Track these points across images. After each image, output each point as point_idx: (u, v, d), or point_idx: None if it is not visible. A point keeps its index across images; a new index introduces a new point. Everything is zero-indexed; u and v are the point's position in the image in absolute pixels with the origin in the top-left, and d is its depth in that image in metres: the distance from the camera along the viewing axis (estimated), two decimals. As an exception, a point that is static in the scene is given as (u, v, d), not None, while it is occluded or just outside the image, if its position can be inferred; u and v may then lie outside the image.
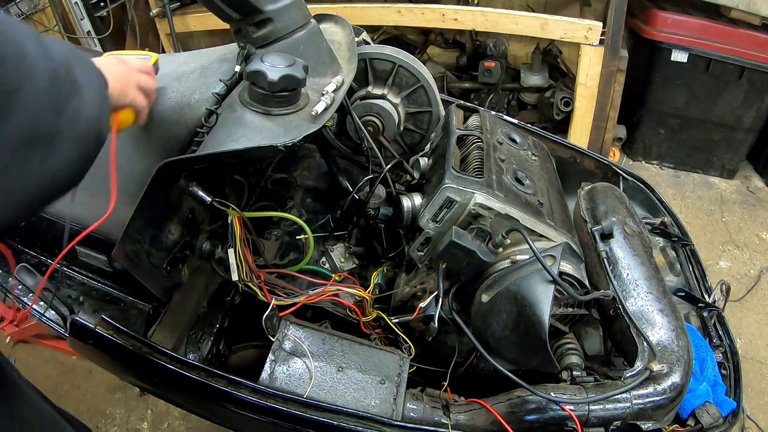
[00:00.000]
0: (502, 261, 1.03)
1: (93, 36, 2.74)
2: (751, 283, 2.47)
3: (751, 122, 2.87)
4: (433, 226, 1.07)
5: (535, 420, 0.96)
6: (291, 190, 1.45)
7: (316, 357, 1.02)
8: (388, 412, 0.97)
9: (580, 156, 1.58)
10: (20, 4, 2.42)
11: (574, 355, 1.08)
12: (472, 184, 1.05)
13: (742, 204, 2.93)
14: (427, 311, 1.08)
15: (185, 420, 1.99)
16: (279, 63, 0.97)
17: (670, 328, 1.04)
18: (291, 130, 0.96)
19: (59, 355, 2.19)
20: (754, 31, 2.60)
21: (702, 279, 1.38)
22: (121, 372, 1.24)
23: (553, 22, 2.50)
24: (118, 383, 2.08)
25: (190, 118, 1.05)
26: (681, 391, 0.98)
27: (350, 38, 1.25)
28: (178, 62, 1.22)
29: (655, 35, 2.72)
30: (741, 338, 2.24)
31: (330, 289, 1.14)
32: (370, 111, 1.33)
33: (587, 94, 2.64)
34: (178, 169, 1.00)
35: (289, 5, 1.09)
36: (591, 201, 1.30)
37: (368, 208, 1.28)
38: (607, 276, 1.11)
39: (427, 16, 2.64)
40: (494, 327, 1.03)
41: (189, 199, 1.10)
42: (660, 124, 3.03)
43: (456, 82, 3.23)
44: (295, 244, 1.32)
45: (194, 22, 2.95)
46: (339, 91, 1.06)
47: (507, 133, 1.33)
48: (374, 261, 1.37)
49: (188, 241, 1.13)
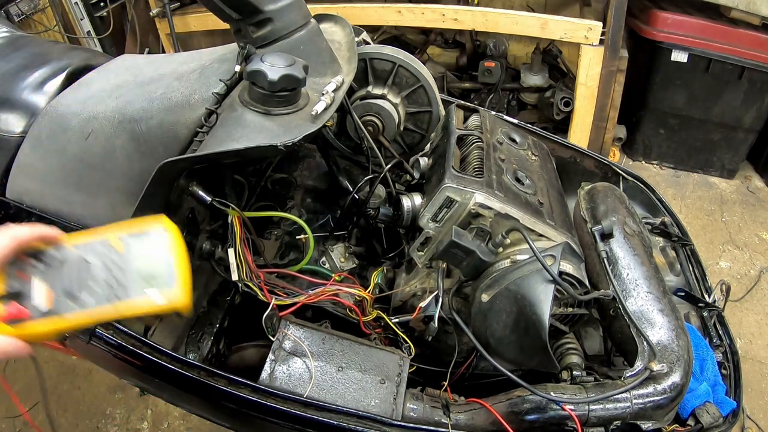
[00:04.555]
0: (502, 261, 1.03)
1: (93, 36, 2.74)
2: (751, 283, 2.47)
3: (751, 122, 2.87)
4: (433, 225, 1.07)
5: (535, 420, 0.96)
6: (291, 190, 1.45)
7: (316, 357, 1.02)
8: (388, 412, 0.97)
9: (580, 156, 1.58)
10: (20, 5, 2.42)
11: (574, 355, 1.08)
12: (472, 184, 1.05)
13: (742, 204, 2.93)
14: (427, 311, 1.08)
15: (185, 420, 1.99)
16: (279, 63, 0.97)
17: (670, 328, 1.04)
18: (291, 130, 0.96)
19: (59, 355, 2.19)
20: (754, 31, 2.60)
21: (702, 279, 1.38)
22: (121, 372, 1.24)
23: (553, 22, 2.50)
24: (118, 383, 2.08)
25: (190, 118, 1.05)
26: (681, 391, 0.98)
27: (350, 38, 1.25)
28: (178, 62, 1.22)
29: (655, 35, 2.72)
30: (741, 338, 2.24)
31: (330, 289, 1.14)
32: (370, 111, 1.33)
33: (587, 94, 2.64)
34: (178, 169, 1.00)
35: (289, 5, 1.09)
36: (591, 201, 1.30)
37: (368, 208, 1.28)
38: (607, 276, 1.11)
39: (427, 16, 2.65)
40: (494, 327, 1.03)
41: (189, 199, 1.10)
42: (660, 124, 3.03)
43: (456, 82, 3.23)
44: (295, 244, 1.32)
45: (194, 22, 2.95)
46: (339, 91, 1.06)
47: (507, 133, 1.33)
48: (374, 261, 1.37)
49: (188, 241, 1.13)
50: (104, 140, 1.10)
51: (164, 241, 0.77)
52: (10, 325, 0.67)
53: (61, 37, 2.62)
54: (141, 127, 1.08)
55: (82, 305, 0.71)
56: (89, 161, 1.12)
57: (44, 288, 0.71)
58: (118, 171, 1.10)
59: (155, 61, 1.29)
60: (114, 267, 0.74)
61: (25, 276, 0.72)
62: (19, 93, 1.27)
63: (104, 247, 0.75)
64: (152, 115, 1.08)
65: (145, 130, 1.08)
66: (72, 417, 2.03)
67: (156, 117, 1.07)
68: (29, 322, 0.68)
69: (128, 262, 0.74)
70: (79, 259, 0.74)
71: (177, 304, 0.73)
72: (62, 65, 1.35)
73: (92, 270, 0.73)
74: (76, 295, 0.71)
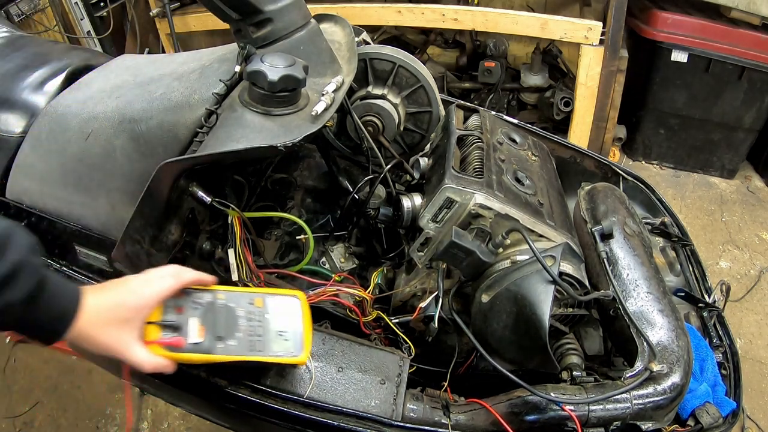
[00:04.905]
0: (502, 261, 1.03)
1: (93, 36, 2.74)
2: (751, 283, 2.47)
3: (751, 122, 2.87)
4: (433, 226, 1.07)
5: (535, 420, 0.96)
6: (291, 190, 1.45)
7: (316, 357, 1.02)
8: (388, 412, 0.97)
9: (580, 156, 1.58)
10: (20, 5, 2.42)
11: (574, 355, 1.08)
12: (472, 185, 1.05)
13: (742, 204, 2.93)
14: (427, 311, 1.08)
15: (185, 420, 1.99)
16: (279, 63, 0.97)
17: (670, 329, 1.04)
18: (291, 130, 0.96)
19: (59, 355, 2.19)
20: (754, 31, 2.60)
21: (702, 279, 1.38)
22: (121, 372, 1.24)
23: (553, 22, 2.50)
24: (118, 383, 2.09)
25: (190, 119, 1.05)
26: (681, 392, 0.98)
27: (350, 38, 1.25)
28: (178, 62, 1.22)
29: (655, 35, 2.72)
30: (741, 338, 2.24)
31: (330, 289, 1.14)
32: (370, 111, 1.33)
33: (587, 94, 2.64)
34: (178, 169, 1.00)
35: (289, 5, 1.09)
36: (591, 201, 1.30)
37: (368, 208, 1.28)
38: (607, 276, 1.11)
39: (427, 16, 2.65)
40: (494, 327, 1.03)
41: (189, 199, 1.10)
42: (660, 124, 3.03)
43: (456, 82, 3.23)
44: (295, 244, 1.32)
45: (194, 22, 2.95)
46: (339, 91, 1.06)
47: (507, 133, 1.33)
48: (374, 261, 1.37)
49: (188, 241, 1.13)
50: (104, 140, 1.10)
51: (298, 310, 0.94)
52: (166, 350, 0.82)
53: (61, 37, 2.62)
54: (141, 127, 1.08)
55: (227, 347, 0.86)
56: (89, 161, 1.12)
57: (198, 326, 0.86)
58: (118, 171, 1.10)
59: (155, 61, 1.29)
60: (255, 322, 0.90)
61: (182, 311, 0.86)
62: (19, 93, 1.27)
63: (248, 303, 0.91)
64: (152, 115, 1.08)
65: (145, 131, 1.08)
66: (72, 417, 2.03)
67: (156, 117, 1.07)
68: (182, 353, 0.83)
69: (267, 321, 0.91)
70: (227, 308, 0.90)
71: (298, 362, 0.90)
72: (62, 65, 1.35)
73: (238, 320, 0.89)
74: (223, 337, 0.86)
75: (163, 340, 0.82)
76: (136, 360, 0.79)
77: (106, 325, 0.76)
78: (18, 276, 0.66)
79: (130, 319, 0.78)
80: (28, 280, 0.67)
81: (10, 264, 0.65)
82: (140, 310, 0.80)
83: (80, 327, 0.74)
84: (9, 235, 0.67)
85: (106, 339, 0.76)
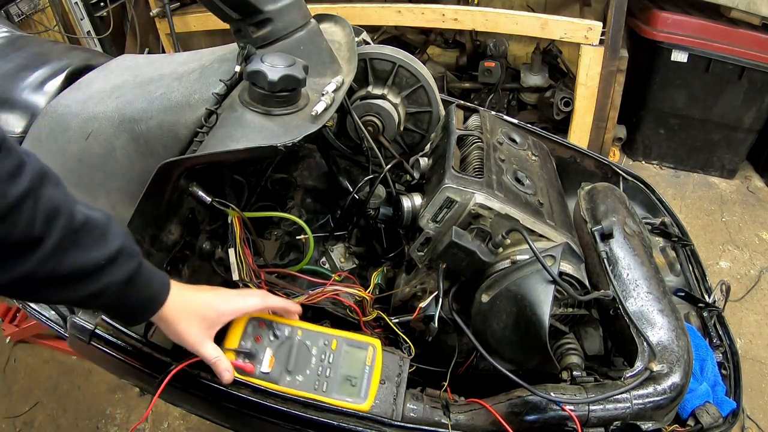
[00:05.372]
0: (502, 261, 1.03)
1: (93, 36, 2.74)
2: (751, 283, 2.48)
3: (751, 122, 2.87)
4: (433, 226, 1.07)
5: (535, 420, 0.96)
6: (291, 190, 1.45)
7: (316, 357, 1.02)
8: (388, 413, 0.97)
9: (580, 156, 1.58)
10: (20, 5, 2.42)
11: (574, 355, 1.08)
12: (472, 184, 1.05)
13: (742, 204, 2.93)
14: (427, 311, 1.08)
15: (185, 420, 1.99)
16: (279, 63, 0.97)
17: (670, 328, 1.04)
18: (291, 130, 0.96)
19: (59, 355, 2.19)
20: (754, 31, 2.60)
21: (702, 279, 1.38)
22: (121, 372, 1.24)
23: (553, 22, 2.50)
24: (118, 383, 2.09)
25: (190, 119, 1.05)
26: (681, 391, 0.98)
27: (350, 38, 1.25)
28: (178, 62, 1.22)
29: (655, 35, 2.72)
30: (741, 338, 2.24)
31: (330, 289, 1.14)
32: (370, 111, 1.33)
33: (587, 94, 2.65)
34: (178, 169, 1.00)
35: (289, 5, 1.09)
36: (591, 201, 1.30)
37: (368, 208, 1.28)
38: (607, 276, 1.11)
39: (427, 16, 2.65)
40: (494, 327, 1.03)
41: (189, 199, 1.10)
42: (660, 124, 3.04)
43: (456, 82, 3.23)
44: (295, 244, 1.32)
45: (194, 22, 2.95)
46: (339, 91, 1.06)
47: (507, 133, 1.33)
48: (374, 261, 1.37)
49: (188, 241, 1.13)
50: (104, 140, 1.10)
51: (372, 358, 0.98)
52: (236, 372, 0.90)
53: (61, 37, 2.62)
54: (141, 127, 1.08)
55: (293, 381, 0.93)
56: (89, 161, 1.12)
57: (270, 356, 0.94)
58: (118, 171, 1.10)
59: (155, 61, 1.29)
60: (326, 363, 0.95)
61: (259, 340, 0.94)
62: (19, 93, 1.27)
63: (324, 343, 0.97)
64: (152, 115, 1.08)
65: (145, 131, 1.08)
66: (72, 417, 2.03)
67: (156, 117, 1.07)
68: (251, 377, 0.92)
69: (338, 364, 0.96)
70: (303, 345, 0.96)
71: (360, 410, 0.93)
72: (62, 65, 1.35)
73: (310, 358, 0.95)
74: (292, 371, 0.93)
75: (236, 363, 0.91)
76: (205, 354, 0.87)
77: (190, 317, 0.84)
78: (119, 259, 0.72)
79: (211, 320, 0.87)
80: (129, 263, 0.73)
81: (114, 248, 0.71)
82: (223, 315, 0.89)
83: (165, 312, 0.81)
84: (108, 223, 0.72)
85: (185, 329, 0.84)
